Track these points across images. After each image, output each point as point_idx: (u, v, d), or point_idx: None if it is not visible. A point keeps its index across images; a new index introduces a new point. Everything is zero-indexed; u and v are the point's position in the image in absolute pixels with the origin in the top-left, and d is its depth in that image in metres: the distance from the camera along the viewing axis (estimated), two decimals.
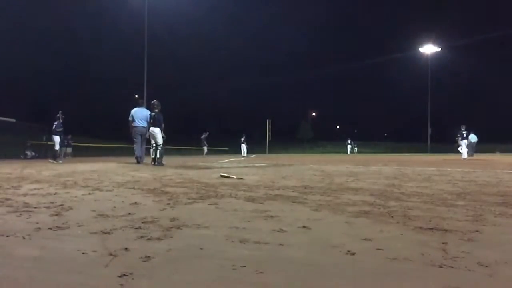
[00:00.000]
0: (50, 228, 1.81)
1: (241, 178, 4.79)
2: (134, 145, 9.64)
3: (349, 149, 36.15)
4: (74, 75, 55.22)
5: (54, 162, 12.48)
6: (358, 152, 41.18)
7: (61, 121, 13.10)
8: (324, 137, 63.92)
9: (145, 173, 5.99)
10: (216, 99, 71.62)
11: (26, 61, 45.05)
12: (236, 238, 1.61)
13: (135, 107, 9.69)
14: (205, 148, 23.59)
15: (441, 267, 1.23)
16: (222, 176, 5.06)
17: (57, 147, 13.23)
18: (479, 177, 5.19)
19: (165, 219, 2.03)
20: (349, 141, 36.93)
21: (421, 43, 44.03)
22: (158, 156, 8.89)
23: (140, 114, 9.50)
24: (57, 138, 13.04)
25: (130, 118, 9.47)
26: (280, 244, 1.52)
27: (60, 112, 13.12)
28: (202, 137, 23.63)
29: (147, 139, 9.77)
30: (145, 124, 9.45)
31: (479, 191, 3.41)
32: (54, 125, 13.00)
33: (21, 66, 44.11)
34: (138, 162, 9.34)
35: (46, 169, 7.34)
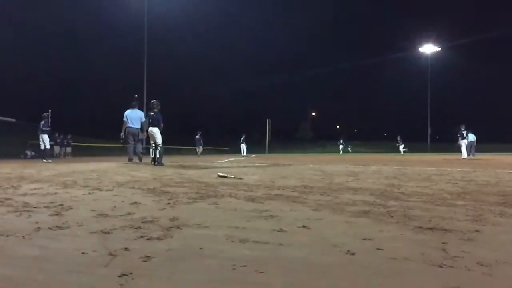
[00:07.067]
0: (50, 228, 1.81)
1: (239, 178, 4.78)
2: (128, 146, 9.77)
3: (341, 149, 36.97)
4: (74, 75, 55.24)
5: (50, 161, 12.47)
6: (357, 152, 41.53)
7: (48, 120, 13.14)
8: (324, 137, 63.91)
9: (145, 173, 5.99)
10: (216, 98, 71.55)
11: (26, 61, 45.03)
12: (236, 238, 1.61)
13: (129, 108, 9.84)
14: (200, 148, 23.64)
15: (441, 267, 1.23)
16: (219, 176, 5.04)
17: (47, 146, 13.23)
18: (479, 177, 5.19)
19: (165, 219, 2.03)
20: (341, 141, 38.06)
21: (421, 43, 44.03)
22: (157, 156, 8.90)
23: (133, 115, 9.63)
24: (45, 137, 13.05)
25: (124, 119, 9.61)
26: (280, 244, 1.52)
27: (49, 111, 13.19)
28: (197, 136, 23.68)
29: (145, 139, 9.92)
30: (138, 125, 9.68)
31: (479, 191, 3.41)
32: (41, 124, 13.02)
33: (21, 66, 44.09)
34: (130, 160, 9.48)
35: (46, 169, 7.33)
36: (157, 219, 2.03)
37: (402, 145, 29.50)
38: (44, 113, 13.18)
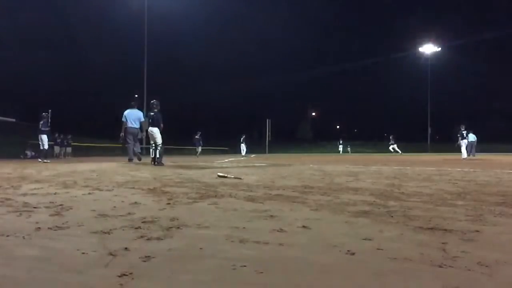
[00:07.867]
0: (50, 228, 1.81)
1: (239, 178, 4.79)
2: (127, 145, 9.82)
3: (341, 149, 37.86)
4: (74, 75, 55.31)
5: (45, 161, 12.46)
6: (357, 152, 41.88)
7: (48, 120, 13.16)
8: (324, 137, 63.98)
9: (145, 173, 5.99)
10: (216, 98, 71.48)
11: (26, 61, 45.01)
12: (236, 238, 1.61)
13: (128, 108, 9.87)
14: (200, 148, 23.67)
15: (441, 267, 1.23)
16: (219, 176, 5.05)
17: (46, 146, 13.23)
18: (479, 177, 5.19)
19: (165, 219, 2.03)
20: (340, 142, 39.79)
21: (421, 43, 44.04)
22: (157, 156, 8.91)
23: (132, 115, 9.68)
24: (44, 137, 13.05)
25: (123, 120, 9.66)
26: (280, 244, 1.52)
27: (49, 111, 13.23)
28: (196, 136, 23.69)
29: (142, 139, 9.97)
30: (137, 125, 9.74)
31: (479, 191, 3.41)
32: (40, 124, 13.05)
33: (21, 66, 44.07)
34: (130, 160, 9.52)
35: (46, 169, 7.34)
36: (157, 219, 2.03)
37: (395, 145, 29.76)
38: (44, 113, 13.19)
